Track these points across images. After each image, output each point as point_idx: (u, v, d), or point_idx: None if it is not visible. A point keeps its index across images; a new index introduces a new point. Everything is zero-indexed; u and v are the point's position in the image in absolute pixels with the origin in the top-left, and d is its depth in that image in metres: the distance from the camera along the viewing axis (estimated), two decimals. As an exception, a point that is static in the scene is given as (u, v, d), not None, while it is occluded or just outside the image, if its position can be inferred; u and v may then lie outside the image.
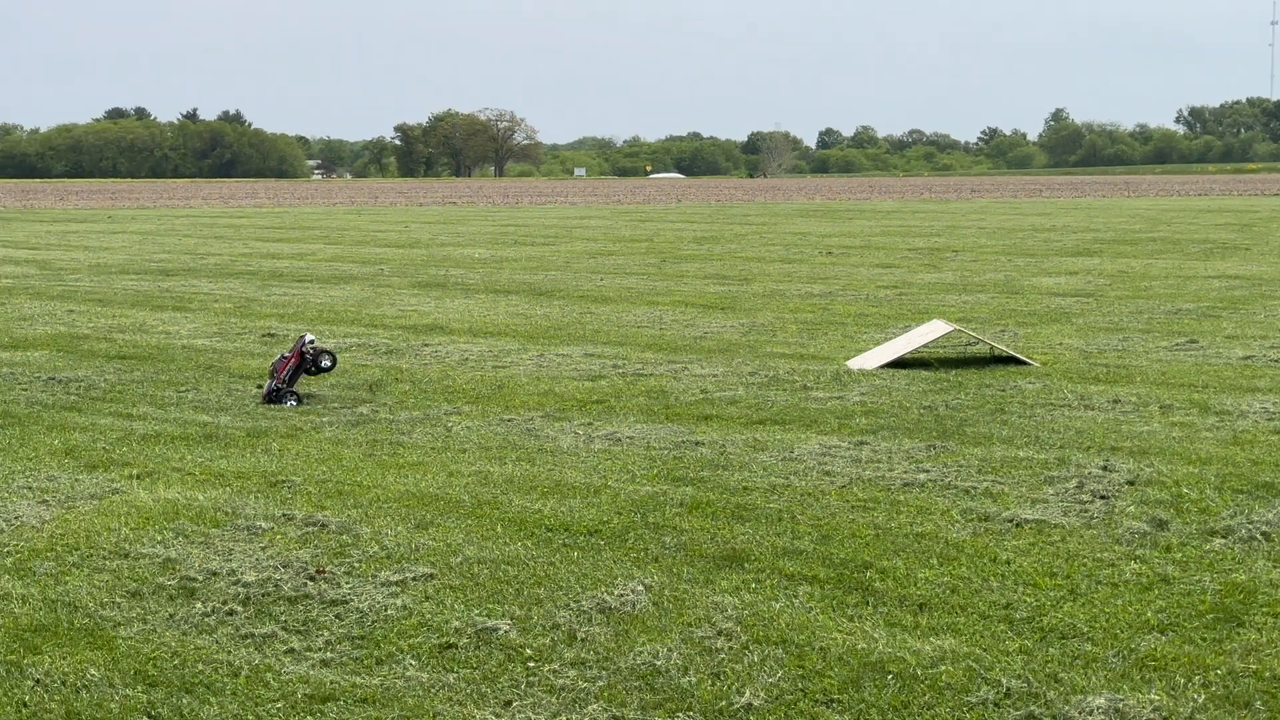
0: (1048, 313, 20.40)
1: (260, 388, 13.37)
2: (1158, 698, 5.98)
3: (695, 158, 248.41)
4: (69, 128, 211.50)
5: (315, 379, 13.73)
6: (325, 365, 13.15)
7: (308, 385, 13.77)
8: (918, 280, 26.28)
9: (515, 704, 6.00)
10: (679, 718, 5.89)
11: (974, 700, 5.98)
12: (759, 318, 19.92)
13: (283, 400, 12.80)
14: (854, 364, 15.22)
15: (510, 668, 6.40)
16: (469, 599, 7.31)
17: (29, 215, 62.05)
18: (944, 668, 6.30)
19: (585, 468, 10.26)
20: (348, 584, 7.56)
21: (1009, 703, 5.96)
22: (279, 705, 6.03)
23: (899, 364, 14.97)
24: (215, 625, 6.99)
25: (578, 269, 29.31)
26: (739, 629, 6.81)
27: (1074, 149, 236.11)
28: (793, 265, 30.18)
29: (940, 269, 29.02)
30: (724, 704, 5.98)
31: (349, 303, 22.46)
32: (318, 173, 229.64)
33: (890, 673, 6.26)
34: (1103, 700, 5.92)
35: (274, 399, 12.84)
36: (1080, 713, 5.83)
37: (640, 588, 7.42)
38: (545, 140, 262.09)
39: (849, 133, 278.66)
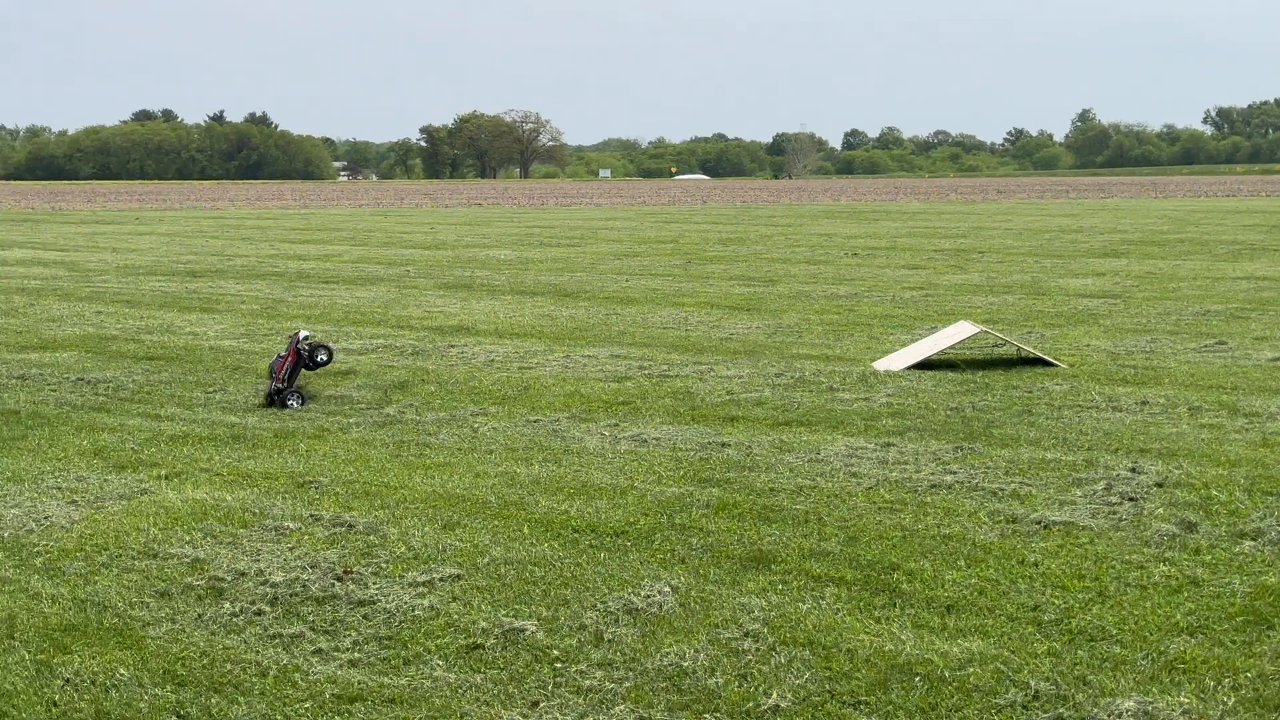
0: (1075, 314, 20.33)
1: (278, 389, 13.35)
2: (1187, 700, 5.95)
3: (720, 159, 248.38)
4: (97, 130, 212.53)
5: (321, 377, 13.76)
6: (321, 360, 13.05)
7: (335, 385, 13.82)
8: (944, 281, 26.22)
9: (542, 704, 6.01)
10: (706, 719, 5.88)
11: (1002, 702, 5.96)
12: (785, 319, 19.90)
13: (285, 401, 12.72)
14: (880, 365, 15.19)
15: (537, 668, 6.40)
16: (496, 600, 7.32)
17: (58, 217, 62.36)
18: (972, 670, 6.29)
19: (611, 469, 10.27)
20: (375, 584, 7.58)
21: (1037, 705, 5.94)
22: (307, 705, 6.05)
23: (925, 365, 14.93)
24: (243, 625, 7.01)
25: (603, 270, 29.32)
26: (766, 630, 6.81)
27: (1101, 150, 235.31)
28: (818, 266, 30.14)
29: (966, 270, 28.94)
30: (751, 705, 5.97)
31: (375, 304, 22.51)
32: (344, 174, 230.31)
33: (918, 674, 6.25)
34: (1132, 703, 5.90)
35: (276, 400, 12.77)
36: (1109, 715, 5.81)
37: (667, 589, 7.42)
38: (570, 142, 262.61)
39: (874, 134, 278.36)
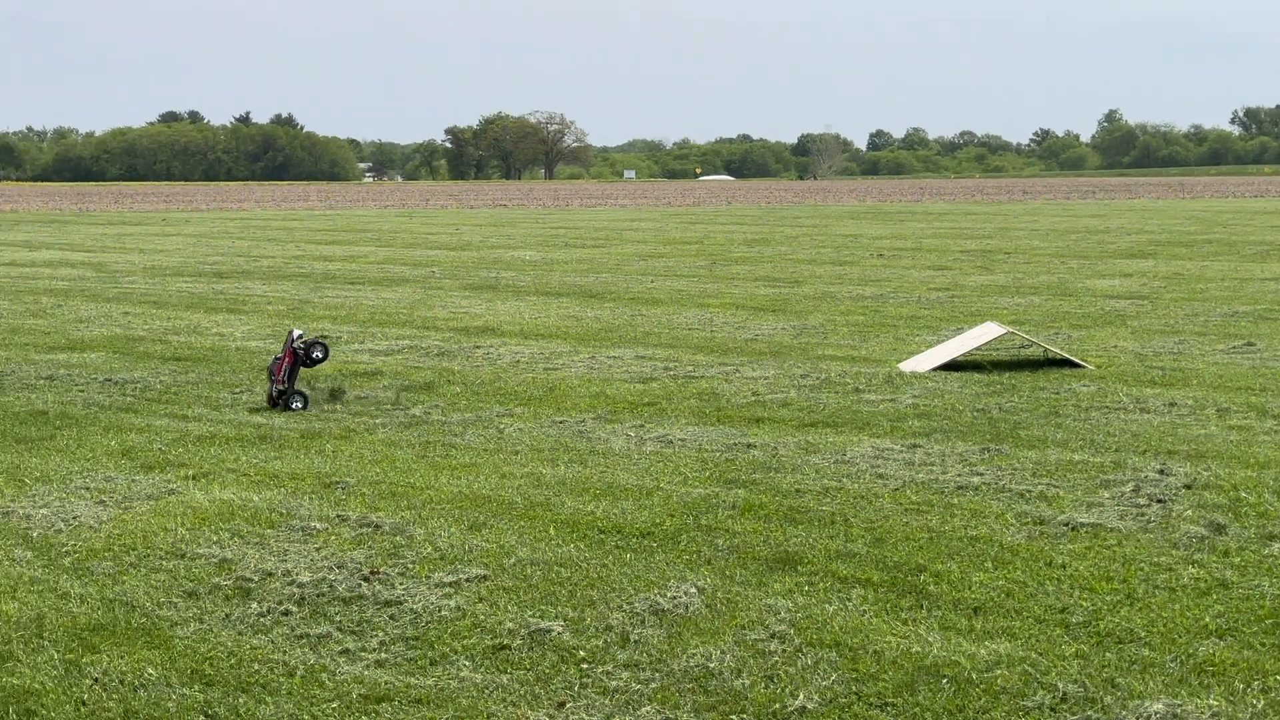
0: (1102, 315, 20.26)
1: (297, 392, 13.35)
2: (1216, 703, 5.92)
3: (745, 160, 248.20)
4: (124, 131, 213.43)
5: (347, 378, 13.79)
6: (317, 356, 12.93)
7: (361, 386, 13.87)
8: (970, 282, 26.15)
9: (569, 705, 6.01)
10: (733, 720, 5.88)
11: (1030, 704, 5.94)
12: (810, 320, 19.88)
13: (289, 403, 12.70)
14: (906, 366, 15.16)
15: (563, 669, 6.41)
16: (522, 600, 7.33)
17: (85, 218, 62.66)
18: (999, 672, 6.27)
19: (637, 470, 10.27)
20: (402, 585, 7.59)
21: (1065, 707, 5.92)
22: (334, 705, 6.06)
23: (951, 366, 14.89)
24: (271, 625, 7.03)
25: (628, 271, 29.33)
26: (792, 632, 6.80)
27: (1127, 150, 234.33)
28: (844, 267, 30.10)
29: (993, 271, 28.86)
30: (777, 707, 5.96)
31: (401, 305, 22.56)
32: (369, 175, 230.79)
33: (945, 676, 6.23)
34: (1161, 706, 5.87)
35: (279, 402, 12.72)
36: (1138, 718, 5.79)
37: (693, 590, 7.42)
38: (595, 143, 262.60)
39: (899, 134, 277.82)
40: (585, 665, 6.44)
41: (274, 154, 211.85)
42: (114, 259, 34.40)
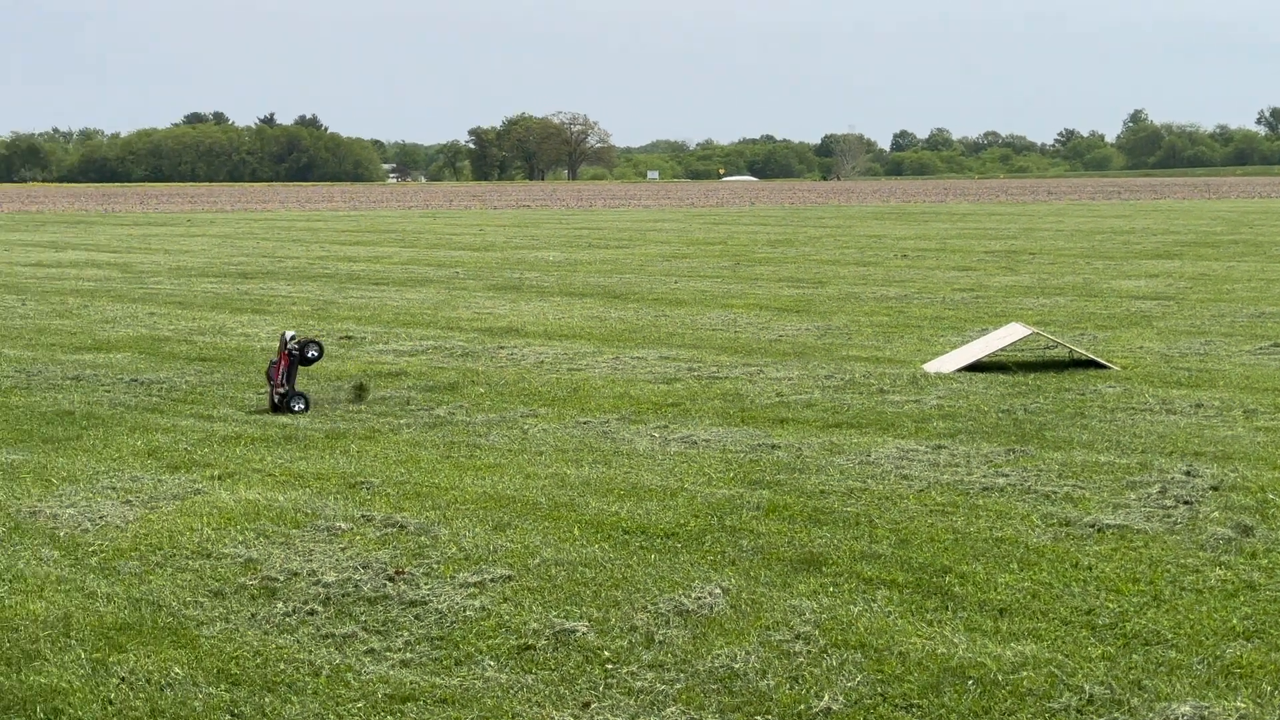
0: (1127, 316, 20.19)
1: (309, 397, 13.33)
2: (1243, 705, 5.89)
3: (768, 160, 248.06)
4: (149, 132, 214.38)
5: (371, 378, 13.81)
6: (312, 355, 12.86)
7: (385, 387, 13.90)
8: (994, 283, 26.09)
9: (594, 706, 6.01)
10: (758, 721, 5.87)
11: (1056, 706, 5.92)
12: (834, 321, 19.85)
13: (290, 405, 12.67)
14: (930, 367, 15.12)
15: (588, 669, 6.41)
16: (547, 601, 7.33)
17: (111, 219, 62.93)
18: (1025, 673, 6.25)
19: (661, 470, 10.26)
20: (426, 585, 7.60)
21: (1092, 709, 5.89)
22: (359, 705, 6.07)
23: (976, 367, 14.86)
24: (296, 625, 7.05)
25: (652, 272, 29.33)
26: (817, 633, 6.79)
27: (1153, 150, 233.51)
28: (868, 268, 30.05)
29: (1017, 272, 28.78)
30: (803, 708, 5.95)
31: (425, 305, 22.59)
32: (393, 176, 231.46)
33: (971, 678, 6.21)
34: (1188, 708, 5.84)
35: (282, 406, 12.66)
36: (1165, 720, 5.76)
37: (718, 590, 7.41)
38: (618, 143, 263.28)
39: (923, 135, 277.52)
40: (610, 666, 6.44)
41: (298, 155, 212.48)
42: (140, 260, 34.53)
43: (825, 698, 6.02)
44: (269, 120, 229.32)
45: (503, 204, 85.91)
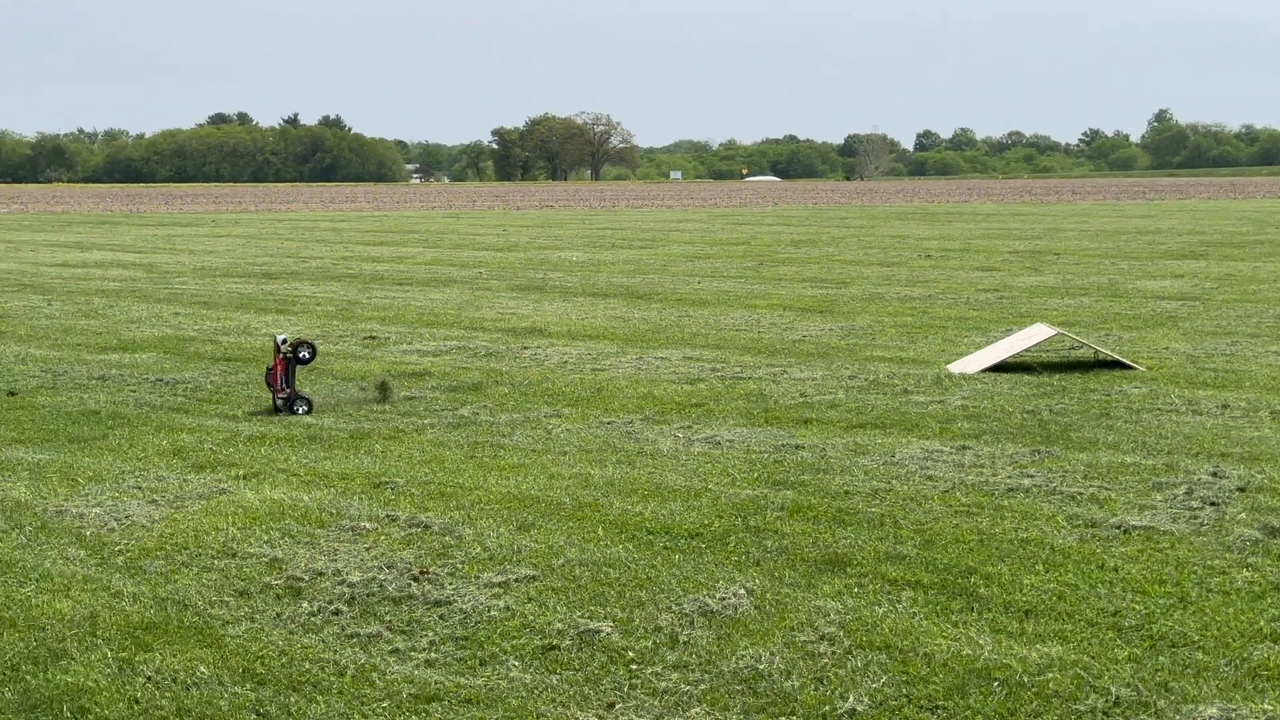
0: (1153, 317, 20.11)
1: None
2: (1271, 708, 5.86)
3: (791, 160, 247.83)
4: (173, 133, 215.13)
5: (395, 379, 13.82)
6: (304, 356, 12.81)
7: (409, 387, 13.93)
8: (1019, 283, 26.01)
9: (618, 706, 6.01)
10: (782, 722, 5.86)
11: (1082, 708, 5.90)
12: (858, 321, 19.82)
13: (294, 408, 12.64)
14: (955, 368, 15.09)
15: (613, 670, 6.41)
16: (571, 601, 7.33)
17: (136, 219, 63.18)
18: (1051, 675, 6.23)
19: (685, 471, 10.26)
20: (451, 585, 7.61)
21: (1118, 711, 5.87)
22: (384, 705, 6.08)
23: (1001, 368, 14.82)
24: (321, 625, 7.06)
25: (675, 272, 29.33)
26: (842, 634, 6.77)
27: (1178, 150, 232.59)
28: (891, 268, 30.00)
29: (1042, 272, 28.70)
30: (827, 709, 5.94)
31: (448, 305, 22.62)
32: (416, 177, 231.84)
33: (996, 679, 6.19)
34: (1215, 710, 5.82)
35: (287, 410, 12.63)
36: (1192, 723, 5.74)
37: (742, 591, 7.40)
38: (641, 144, 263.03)
39: (947, 135, 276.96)
40: (634, 666, 6.44)
41: (322, 155, 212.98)
42: (164, 260, 34.66)
43: (850, 699, 6.01)
44: (293, 121, 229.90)
45: (526, 204, 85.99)
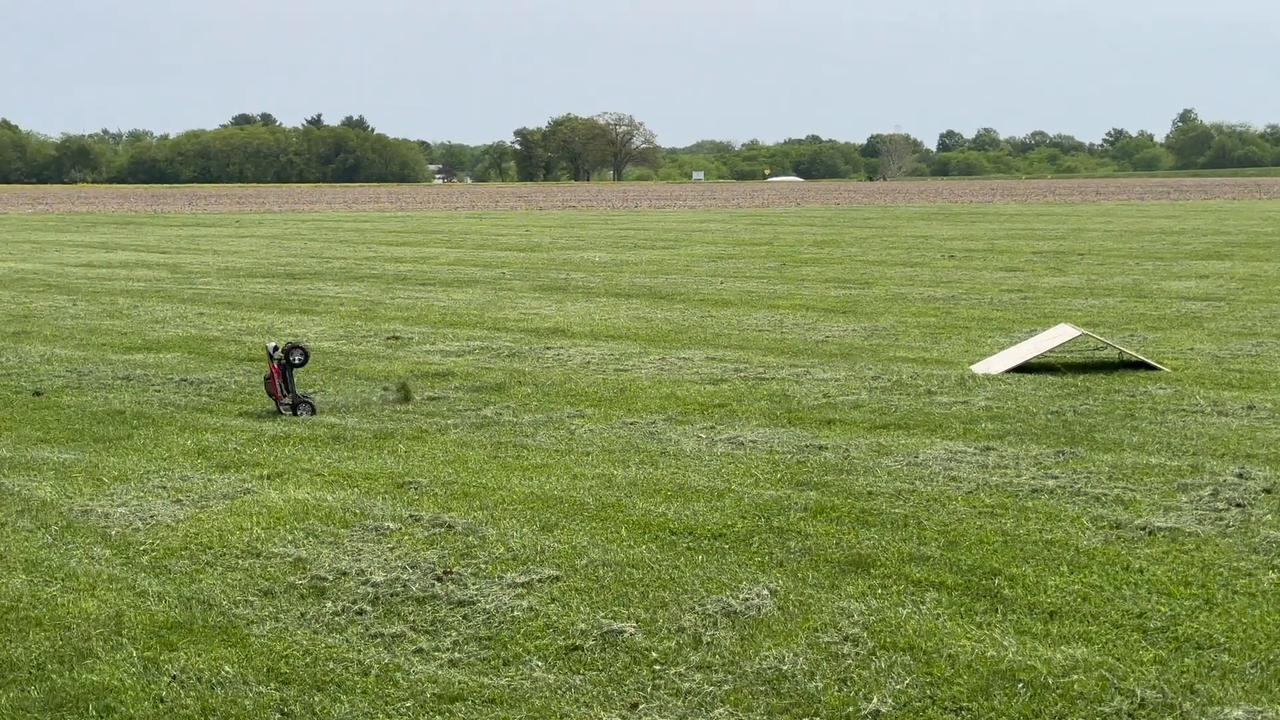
0: (1178, 317, 20.03)
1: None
2: (1298, 711, 5.83)
3: (814, 161, 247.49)
4: (197, 134, 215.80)
5: (418, 379, 13.83)
6: (297, 360, 12.74)
7: (432, 387, 13.95)
8: (1042, 284, 25.93)
9: (641, 706, 6.01)
10: (806, 723, 5.85)
11: (1108, 710, 5.87)
12: (881, 321, 19.78)
13: (297, 412, 12.64)
14: (978, 368, 15.05)
15: (636, 670, 6.40)
16: (594, 601, 7.33)
17: (160, 220, 63.40)
18: (1076, 677, 6.21)
19: (708, 471, 10.25)
20: (474, 585, 7.62)
21: (1143, 713, 5.85)
22: (408, 704, 6.09)
23: (1025, 369, 14.78)
24: (345, 624, 7.08)
25: (698, 272, 29.31)
26: (865, 635, 6.76)
27: (1203, 150, 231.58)
28: (914, 269, 29.93)
29: (1065, 272, 28.61)
30: (851, 710, 5.93)
31: (471, 306, 22.65)
32: (439, 177, 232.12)
33: (1021, 681, 6.17)
34: (1240, 712, 5.79)
35: (291, 413, 12.64)
36: (1218, 725, 5.71)
37: (765, 592, 7.40)
38: (663, 144, 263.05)
39: (970, 135, 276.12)
40: (658, 666, 6.44)
41: (345, 156, 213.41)
42: (189, 260, 34.77)
43: (874, 700, 6.00)
44: (316, 121, 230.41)
45: (548, 205, 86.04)
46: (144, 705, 6.11)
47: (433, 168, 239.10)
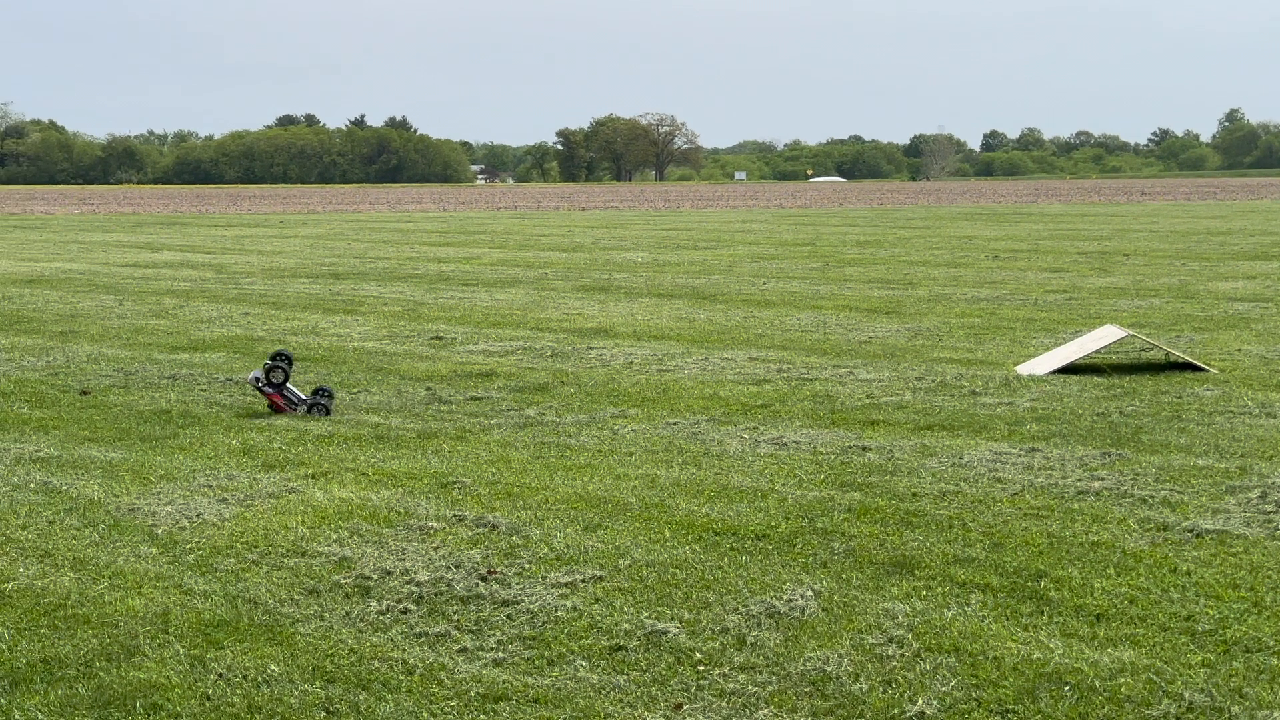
0: (1225, 318, 19.87)
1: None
2: (1349, 716, 5.77)
3: (856, 161, 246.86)
4: (242, 135, 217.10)
5: (462, 379, 13.86)
6: (280, 376, 12.71)
7: (475, 387, 13.98)
8: (1088, 285, 25.78)
9: (685, 707, 6.00)
10: (851, 725, 5.84)
11: (1155, 714, 5.83)
12: (925, 322, 19.71)
13: (313, 412, 12.64)
14: (1023, 369, 14.97)
15: (680, 670, 6.40)
16: (638, 601, 7.33)
17: (205, 220, 63.80)
18: (1123, 679, 6.16)
19: (752, 472, 10.24)
20: (518, 585, 7.63)
21: (1191, 717, 5.80)
22: (453, 703, 6.10)
23: (1070, 370, 14.69)
24: (390, 624, 7.10)
25: (740, 273, 29.28)
26: (910, 636, 6.74)
27: (1249, 150, 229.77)
28: (958, 269, 29.81)
29: (1111, 273, 28.43)
30: (896, 712, 5.91)
31: (514, 306, 22.69)
32: (481, 178, 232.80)
33: (1067, 684, 6.14)
34: (1291, 717, 5.74)
35: (323, 412, 12.67)
36: (1267, 730, 5.66)
37: (809, 593, 7.38)
38: (706, 144, 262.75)
39: (1014, 134, 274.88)
40: (701, 667, 6.43)
41: (388, 157, 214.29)
42: (233, 260, 34.97)
43: (919, 702, 5.98)
44: (359, 122, 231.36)
45: (590, 205, 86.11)
46: (190, 703, 6.14)
47: (475, 168, 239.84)
